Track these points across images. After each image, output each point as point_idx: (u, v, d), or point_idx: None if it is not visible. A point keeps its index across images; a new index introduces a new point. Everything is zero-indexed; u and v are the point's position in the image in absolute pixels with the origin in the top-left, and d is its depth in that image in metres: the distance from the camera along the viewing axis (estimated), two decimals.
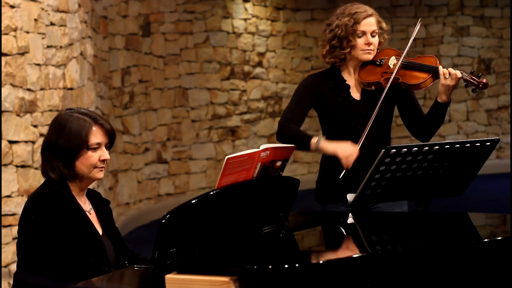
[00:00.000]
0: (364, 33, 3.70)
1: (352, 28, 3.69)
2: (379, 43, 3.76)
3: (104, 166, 2.98)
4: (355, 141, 3.64)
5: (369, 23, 3.71)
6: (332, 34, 3.73)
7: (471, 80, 3.61)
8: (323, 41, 3.78)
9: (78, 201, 2.95)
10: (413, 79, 3.65)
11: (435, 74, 3.63)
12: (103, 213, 3.07)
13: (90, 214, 3.00)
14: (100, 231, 2.99)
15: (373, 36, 3.72)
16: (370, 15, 3.73)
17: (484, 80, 3.61)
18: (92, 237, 2.89)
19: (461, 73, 3.60)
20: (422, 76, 3.65)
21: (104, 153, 2.97)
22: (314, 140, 3.61)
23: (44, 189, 2.90)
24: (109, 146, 3.02)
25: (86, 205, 3.01)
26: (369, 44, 3.70)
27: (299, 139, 3.65)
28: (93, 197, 3.08)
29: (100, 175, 2.98)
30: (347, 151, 3.55)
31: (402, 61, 3.68)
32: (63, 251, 2.80)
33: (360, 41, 3.70)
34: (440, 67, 3.61)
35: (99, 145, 2.95)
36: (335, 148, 3.56)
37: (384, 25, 3.79)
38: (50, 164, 2.92)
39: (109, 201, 3.19)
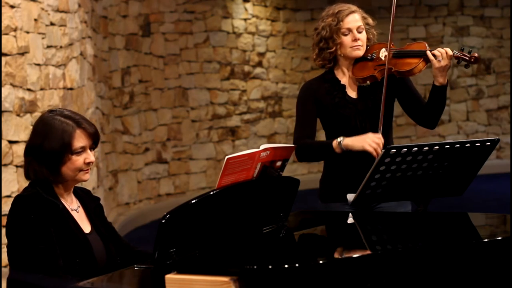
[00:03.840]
0: (349, 30, 3.72)
1: (336, 26, 3.71)
2: (368, 39, 3.77)
3: (89, 168, 2.97)
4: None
5: (353, 20, 3.73)
6: (319, 37, 3.77)
7: (462, 56, 3.63)
8: (313, 45, 3.82)
9: (63, 200, 2.94)
10: (405, 65, 3.67)
11: (425, 57, 3.65)
12: (92, 211, 3.06)
13: (77, 212, 2.99)
14: (88, 229, 2.99)
15: (359, 32, 3.73)
16: (353, 12, 3.74)
17: (476, 54, 3.63)
18: (75, 237, 2.89)
19: (452, 50, 3.61)
20: (413, 62, 3.66)
21: (88, 156, 2.94)
22: (335, 144, 3.61)
23: (25, 191, 2.91)
24: (93, 147, 3.00)
25: (72, 203, 3.00)
26: (356, 40, 3.71)
27: (319, 149, 3.68)
28: (81, 195, 3.07)
29: (86, 177, 2.96)
30: (374, 143, 3.54)
31: (392, 51, 3.70)
32: (31, 253, 2.80)
33: (347, 39, 3.71)
34: (429, 51, 3.63)
35: (83, 148, 2.93)
36: (362, 144, 3.56)
37: (370, 20, 3.81)
38: (33, 169, 2.92)
39: (99, 198, 3.18)
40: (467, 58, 3.63)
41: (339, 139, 3.61)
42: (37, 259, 2.80)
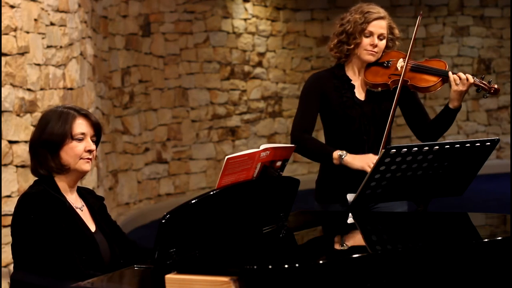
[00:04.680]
0: (371, 33, 3.69)
1: (361, 26, 3.68)
2: (387, 47, 3.75)
3: (90, 157, 2.97)
4: (358, 141, 3.65)
5: (379, 25, 3.70)
6: (342, 28, 3.74)
7: (482, 85, 3.61)
8: (333, 34, 3.79)
9: (68, 198, 2.95)
10: (423, 82, 3.65)
11: (444, 78, 3.63)
12: (97, 210, 3.07)
13: (82, 211, 3.00)
14: (93, 228, 3.00)
15: (380, 39, 3.70)
16: (381, 18, 3.71)
17: (496, 86, 3.62)
18: (82, 234, 2.90)
19: (473, 77, 3.60)
20: (432, 80, 3.64)
21: (89, 144, 2.96)
22: (336, 155, 3.61)
23: (32, 189, 2.92)
24: (95, 140, 3.01)
25: (77, 202, 3.01)
26: (374, 45, 3.69)
27: (319, 154, 3.68)
28: (85, 194, 3.08)
29: (87, 167, 2.97)
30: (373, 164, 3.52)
31: (411, 64, 3.68)
32: (48, 251, 2.80)
33: (366, 41, 3.69)
34: (450, 73, 3.61)
35: (84, 135, 2.95)
36: (362, 165, 3.56)
37: (397, 31, 3.78)
38: (37, 159, 2.94)
39: (103, 197, 3.19)
40: (486, 87, 3.60)
41: (340, 153, 3.60)
42: (55, 257, 2.80)
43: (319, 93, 3.72)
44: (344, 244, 3.05)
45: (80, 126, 2.95)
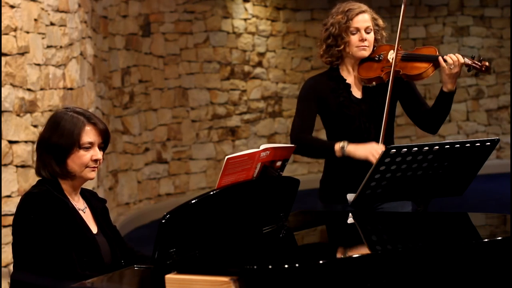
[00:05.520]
0: (357, 29, 3.70)
1: (345, 25, 3.69)
2: (376, 40, 3.76)
3: (96, 166, 2.97)
4: (359, 139, 3.65)
5: (362, 20, 3.71)
6: (327, 33, 3.75)
7: (473, 64, 3.60)
8: (320, 41, 3.79)
9: (71, 199, 2.95)
10: (414, 69, 3.65)
11: (436, 63, 3.62)
12: (99, 212, 3.07)
13: (84, 212, 3.00)
14: (95, 230, 2.99)
15: (367, 33, 3.71)
16: (363, 12, 3.73)
17: (487, 63, 3.60)
18: (83, 236, 2.89)
19: (463, 57, 3.59)
20: (423, 66, 3.64)
21: (96, 153, 2.96)
22: (338, 147, 3.61)
23: (35, 188, 2.92)
24: (103, 147, 3.01)
25: (79, 203, 3.01)
26: (363, 40, 3.70)
27: (320, 149, 3.68)
28: (88, 196, 3.08)
29: (92, 175, 2.97)
30: (378, 154, 3.49)
31: (401, 54, 3.68)
32: (47, 251, 2.80)
33: (354, 38, 3.70)
34: (440, 57, 3.61)
35: (91, 144, 2.95)
36: (365, 153, 3.56)
37: (380, 22, 3.79)
38: (42, 162, 2.94)
39: (106, 200, 3.19)
40: (478, 66, 3.58)
41: (342, 144, 3.60)
42: (53, 257, 2.80)
43: (316, 97, 3.72)
44: (344, 244, 3.05)
45: (89, 135, 2.94)
